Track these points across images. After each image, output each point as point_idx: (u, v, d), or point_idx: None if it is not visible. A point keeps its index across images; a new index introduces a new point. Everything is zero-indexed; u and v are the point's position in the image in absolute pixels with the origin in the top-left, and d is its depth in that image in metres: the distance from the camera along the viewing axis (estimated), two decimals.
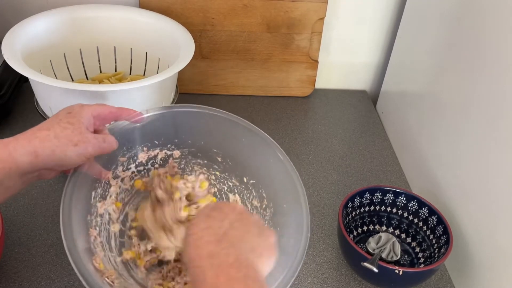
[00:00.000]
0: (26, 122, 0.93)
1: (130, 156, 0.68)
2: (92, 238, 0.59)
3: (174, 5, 0.96)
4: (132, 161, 0.69)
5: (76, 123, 0.52)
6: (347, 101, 1.13)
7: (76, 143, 0.51)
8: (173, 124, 0.70)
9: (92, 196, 0.62)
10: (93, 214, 0.62)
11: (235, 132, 0.69)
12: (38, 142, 0.49)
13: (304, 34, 1.03)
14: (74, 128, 0.51)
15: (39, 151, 0.48)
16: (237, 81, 1.07)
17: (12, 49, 0.73)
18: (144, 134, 0.68)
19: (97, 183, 0.63)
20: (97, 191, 0.63)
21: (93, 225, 0.61)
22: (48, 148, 0.49)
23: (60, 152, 0.50)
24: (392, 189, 0.78)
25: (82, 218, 0.58)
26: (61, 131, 0.50)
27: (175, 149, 0.72)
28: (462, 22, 0.76)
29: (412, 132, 0.93)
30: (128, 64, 0.94)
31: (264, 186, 0.69)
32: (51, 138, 0.50)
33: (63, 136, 0.50)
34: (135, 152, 0.68)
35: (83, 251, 0.53)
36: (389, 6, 1.06)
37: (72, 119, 0.52)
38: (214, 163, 0.73)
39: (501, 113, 0.66)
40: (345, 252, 0.72)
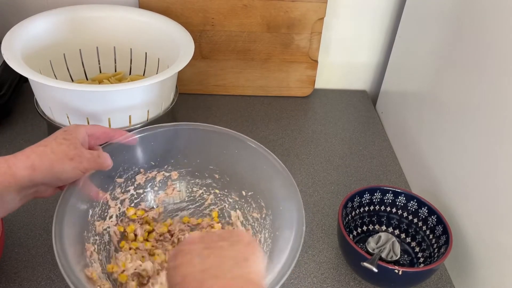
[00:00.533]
0: (26, 122, 0.93)
1: (128, 178, 0.69)
2: (88, 253, 0.59)
3: (174, 5, 0.96)
4: (131, 183, 0.69)
5: (71, 139, 0.54)
6: (347, 101, 1.13)
7: (72, 157, 0.53)
8: (167, 144, 0.70)
9: (89, 214, 0.62)
10: (91, 231, 0.62)
11: (227, 144, 0.70)
12: (35, 156, 0.51)
13: (304, 34, 1.03)
14: (70, 144, 0.53)
15: (36, 165, 0.50)
16: (237, 81, 1.07)
17: (12, 49, 0.74)
18: (140, 155, 0.69)
19: (95, 202, 0.64)
20: (94, 209, 0.63)
21: (90, 242, 0.61)
22: (46, 163, 0.51)
23: (56, 166, 0.51)
24: (391, 189, 0.78)
25: (77, 232, 0.59)
26: (57, 147, 0.52)
27: (172, 170, 0.72)
28: (462, 22, 0.76)
29: (412, 132, 0.93)
30: (128, 64, 0.94)
31: (261, 195, 0.69)
32: (48, 153, 0.51)
33: (59, 151, 0.52)
34: (132, 174, 0.69)
35: (74, 259, 0.53)
36: (389, 6, 1.06)
37: (68, 136, 0.54)
38: (213, 181, 0.73)
39: (501, 113, 0.66)
40: (345, 252, 0.72)
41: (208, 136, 0.70)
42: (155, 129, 0.68)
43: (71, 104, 0.73)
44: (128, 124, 0.76)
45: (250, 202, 0.71)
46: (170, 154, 0.71)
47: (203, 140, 0.71)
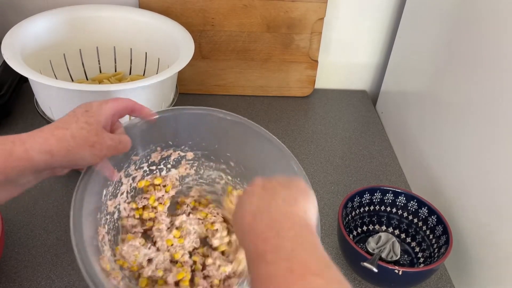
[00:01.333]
0: (26, 122, 0.93)
1: (143, 155, 0.68)
2: (100, 237, 0.59)
3: (174, 5, 0.96)
4: (145, 160, 0.69)
5: (93, 123, 0.52)
6: (347, 101, 1.13)
7: (92, 144, 0.51)
8: (188, 126, 0.69)
9: (103, 194, 0.62)
10: (103, 212, 0.61)
11: (251, 138, 0.69)
12: (54, 141, 0.48)
13: (304, 34, 1.03)
14: (91, 129, 0.51)
15: (54, 150, 0.48)
16: (237, 81, 1.07)
17: (12, 49, 0.73)
18: (159, 135, 0.68)
19: (109, 181, 0.63)
20: (108, 189, 0.63)
21: (102, 224, 0.61)
22: (64, 148, 0.49)
23: (75, 153, 0.49)
24: (391, 189, 0.78)
25: (92, 217, 0.58)
26: (78, 131, 0.50)
27: (189, 151, 0.72)
28: (462, 22, 0.76)
29: (412, 132, 0.93)
30: (128, 64, 0.94)
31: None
32: (68, 138, 0.49)
33: (80, 136, 0.50)
34: (149, 152, 0.68)
35: (90, 250, 0.53)
36: (389, 6, 1.06)
37: (90, 119, 0.52)
38: (227, 167, 0.73)
39: (501, 113, 0.66)
40: (345, 252, 0.72)
41: (232, 126, 0.69)
42: (178, 110, 0.67)
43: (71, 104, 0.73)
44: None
45: None
46: (190, 136, 0.70)
47: (225, 129, 0.70)
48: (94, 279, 0.49)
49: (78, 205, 0.53)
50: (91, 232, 0.56)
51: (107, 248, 0.59)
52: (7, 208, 0.77)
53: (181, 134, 0.70)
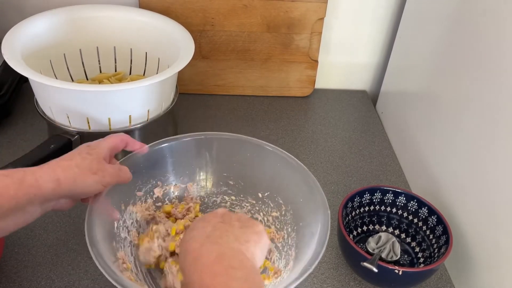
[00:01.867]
0: (26, 122, 0.93)
1: (147, 191, 0.69)
2: (121, 261, 0.60)
3: (174, 5, 0.96)
4: (149, 196, 0.70)
5: (94, 154, 0.56)
6: (347, 101, 1.13)
7: (95, 172, 0.54)
8: (180, 155, 0.71)
9: (115, 226, 0.63)
10: (118, 242, 0.62)
11: (237, 148, 0.71)
12: (61, 170, 0.52)
13: (304, 34, 1.03)
14: (93, 158, 0.55)
15: (62, 179, 0.51)
16: (237, 81, 1.07)
17: (12, 49, 0.73)
18: (155, 168, 0.70)
19: (119, 215, 0.65)
20: (119, 222, 0.64)
21: (120, 252, 0.62)
22: (70, 177, 0.52)
23: (80, 181, 0.53)
24: (391, 189, 0.78)
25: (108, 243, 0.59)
26: (82, 161, 0.54)
27: (188, 182, 0.72)
28: (461, 22, 0.76)
29: (412, 132, 0.93)
30: (128, 64, 0.94)
31: (278, 193, 0.70)
32: (73, 167, 0.53)
33: (84, 165, 0.54)
34: (150, 187, 0.70)
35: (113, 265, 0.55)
36: (389, 6, 1.06)
37: (91, 151, 0.56)
38: (228, 188, 0.73)
39: (501, 113, 0.66)
40: (345, 252, 0.72)
41: (217, 143, 0.71)
42: (166, 142, 0.69)
43: (71, 104, 0.73)
44: (128, 124, 0.76)
45: (267, 202, 0.71)
46: (184, 165, 0.72)
47: (213, 149, 0.72)
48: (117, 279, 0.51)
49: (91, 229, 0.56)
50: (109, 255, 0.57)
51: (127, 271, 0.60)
52: None
53: (175, 164, 0.71)
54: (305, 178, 0.66)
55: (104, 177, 0.55)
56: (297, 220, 0.67)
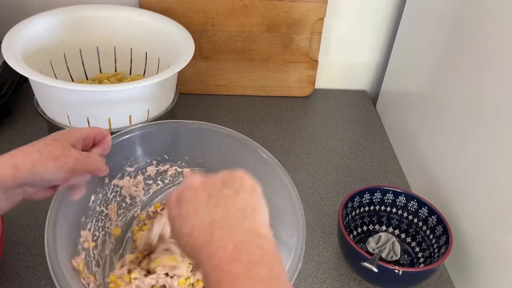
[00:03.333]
0: (26, 122, 0.93)
1: (138, 168, 0.69)
2: (82, 239, 0.60)
3: (174, 5, 0.96)
4: (141, 173, 0.69)
5: (60, 140, 0.52)
6: (347, 101, 1.13)
7: (57, 157, 0.50)
8: (185, 140, 0.70)
9: (91, 200, 0.62)
10: (90, 216, 0.62)
11: (245, 153, 0.69)
12: (20, 156, 0.49)
13: (304, 34, 1.03)
14: (57, 144, 0.51)
15: (20, 164, 0.49)
16: (237, 81, 1.07)
17: (12, 49, 0.73)
18: (152, 148, 0.69)
19: (99, 188, 0.64)
20: (98, 195, 0.63)
21: (86, 228, 0.61)
22: (29, 162, 0.49)
23: (39, 166, 0.50)
24: (392, 189, 0.78)
25: (73, 218, 0.59)
26: (44, 147, 0.51)
27: (186, 167, 0.72)
28: (462, 22, 0.76)
29: (412, 132, 0.93)
30: (128, 64, 0.94)
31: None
32: (33, 153, 0.50)
33: (45, 151, 0.50)
34: (144, 164, 0.69)
35: (64, 248, 0.54)
36: (389, 6, 1.06)
37: (58, 137, 0.53)
38: None
39: (501, 113, 0.66)
40: (345, 252, 0.72)
41: (227, 140, 0.70)
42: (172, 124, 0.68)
43: (71, 104, 0.73)
44: (128, 124, 0.76)
45: None
46: (186, 151, 0.71)
47: (220, 143, 0.70)
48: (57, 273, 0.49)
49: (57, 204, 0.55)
50: (70, 230, 0.57)
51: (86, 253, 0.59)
52: None
53: (178, 148, 0.70)
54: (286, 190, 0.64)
55: (66, 163, 0.51)
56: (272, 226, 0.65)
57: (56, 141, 0.52)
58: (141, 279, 0.59)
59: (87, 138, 0.56)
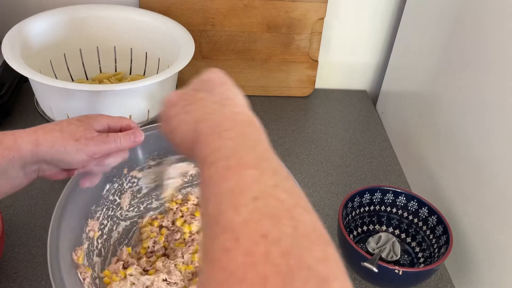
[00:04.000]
0: (26, 122, 0.93)
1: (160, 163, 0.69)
2: (88, 228, 0.59)
3: (174, 5, 0.96)
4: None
5: (84, 121, 0.51)
6: (347, 101, 1.13)
7: (78, 139, 0.50)
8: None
9: (105, 188, 0.62)
10: (101, 204, 0.62)
11: None
12: (42, 132, 0.49)
13: (304, 34, 1.03)
14: (80, 125, 0.51)
15: (40, 140, 0.48)
16: (237, 81, 1.05)
17: (12, 49, 0.73)
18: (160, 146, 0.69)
19: (116, 177, 0.63)
20: (113, 185, 0.63)
21: (95, 217, 0.61)
22: (49, 139, 0.49)
23: (59, 145, 0.49)
24: (392, 189, 0.78)
25: (84, 206, 0.58)
26: (67, 126, 0.50)
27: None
28: (462, 22, 0.76)
29: (412, 132, 0.93)
30: (128, 64, 0.94)
31: None
32: (55, 131, 0.49)
33: (67, 130, 0.50)
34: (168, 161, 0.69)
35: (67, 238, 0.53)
36: (389, 6, 1.06)
37: (84, 118, 0.52)
38: None
39: (501, 112, 0.66)
40: (345, 252, 0.72)
41: None
42: None
43: (71, 104, 0.73)
44: None
45: None
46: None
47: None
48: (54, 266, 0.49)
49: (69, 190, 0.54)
50: (78, 218, 0.56)
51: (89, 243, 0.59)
52: (7, 208, 0.77)
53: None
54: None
55: (87, 145, 0.50)
56: None
57: (80, 122, 0.51)
58: (137, 277, 0.59)
59: (113, 126, 0.54)
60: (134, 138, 0.54)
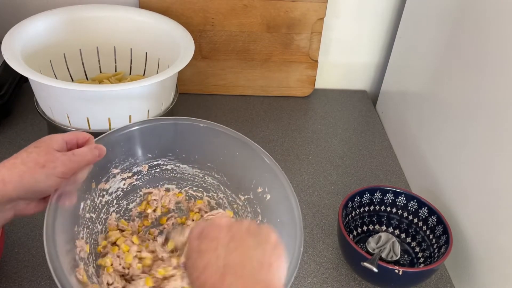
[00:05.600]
0: (26, 122, 0.93)
1: (124, 169, 0.69)
2: (78, 249, 0.59)
3: (174, 5, 0.96)
4: (129, 171, 0.69)
5: (42, 146, 0.50)
6: (347, 101, 1.13)
7: (44, 164, 0.49)
8: (166, 137, 0.70)
9: (80, 207, 0.61)
10: (81, 225, 0.61)
11: (229, 145, 0.69)
12: (5, 170, 0.47)
13: (304, 34, 1.03)
14: (40, 151, 0.50)
15: (6, 179, 0.47)
16: (237, 81, 1.07)
17: (12, 49, 0.73)
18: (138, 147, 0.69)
19: (87, 195, 0.63)
20: (86, 202, 0.63)
21: (80, 237, 0.61)
22: (16, 175, 0.47)
23: (28, 177, 0.48)
24: (392, 189, 0.78)
25: (68, 229, 0.57)
26: (27, 156, 0.49)
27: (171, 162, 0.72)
28: (462, 22, 0.76)
29: (412, 132, 0.93)
30: (128, 64, 0.94)
31: (259, 202, 0.68)
32: (18, 165, 0.48)
33: (29, 160, 0.48)
34: (128, 165, 0.69)
35: (66, 262, 0.52)
36: (389, 6, 1.06)
37: (39, 144, 0.51)
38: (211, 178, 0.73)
39: (501, 113, 0.66)
40: (345, 252, 0.72)
41: (210, 133, 0.70)
42: (155, 122, 0.68)
43: (71, 104, 0.73)
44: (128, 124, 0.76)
45: (245, 205, 0.70)
46: (168, 147, 0.71)
47: (203, 137, 0.70)
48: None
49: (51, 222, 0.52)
50: (67, 245, 0.55)
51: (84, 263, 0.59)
52: None
53: (159, 145, 0.70)
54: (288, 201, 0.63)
55: (55, 168, 0.49)
56: None
57: (38, 148, 0.50)
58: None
59: (70, 142, 0.54)
60: (99, 153, 0.55)
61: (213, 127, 0.69)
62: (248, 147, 0.68)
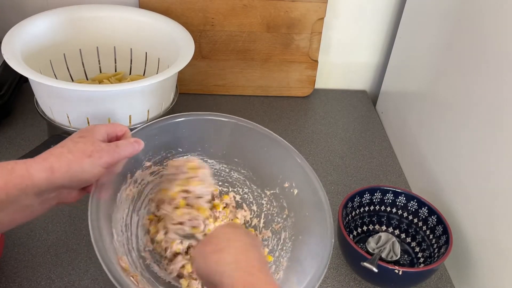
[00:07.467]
0: (26, 122, 0.93)
1: (155, 162, 0.69)
2: (115, 237, 0.59)
3: (174, 5, 0.96)
4: (160, 164, 0.70)
5: (87, 136, 0.52)
6: (347, 101, 1.13)
7: (90, 154, 0.50)
8: (194, 132, 0.71)
9: (117, 199, 0.62)
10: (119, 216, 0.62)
11: (257, 141, 0.71)
12: (53, 158, 0.49)
13: (304, 34, 1.03)
14: (86, 141, 0.51)
15: (55, 166, 0.48)
16: (237, 81, 1.07)
17: (12, 49, 0.73)
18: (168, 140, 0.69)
19: (123, 184, 0.64)
20: (121, 193, 0.64)
21: (119, 227, 0.61)
22: (64, 163, 0.49)
23: (76, 166, 0.49)
24: (392, 189, 0.78)
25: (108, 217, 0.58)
26: (74, 146, 0.51)
27: (199, 157, 0.72)
28: (462, 22, 0.76)
29: (412, 132, 0.93)
30: (128, 64, 0.94)
31: (286, 196, 0.70)
32: (66, 154, 0.49)
33: (76, 150, 0.50)
34: (160, 158, 0.69)
35: (110, 250, 0.54)
36: (389, 6, 1.06)
37: (84, 134, 0.53)
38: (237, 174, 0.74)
39: (500, 113, 0.66)
40: (345, 252, 0.72)
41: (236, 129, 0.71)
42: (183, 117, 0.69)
43: (71, 104, 0.73)
44: (128, 124, 0.76)
45: (271, 200, 0.72)
46: (198, 142, 0.72)
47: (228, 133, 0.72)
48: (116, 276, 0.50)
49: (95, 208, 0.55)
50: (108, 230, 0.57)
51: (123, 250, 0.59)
52: None
53: (191, 140, 0.71)
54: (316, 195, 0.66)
55: (100, 158, 0.51)
56: (297, 232, 0.66)
57: (84, 138, 0.52)
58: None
59: (111, 134, 0.56)
60: (138, 147, 0.56)
61: (242, 123, 0.71)
62: (277, 144, 0.71)
